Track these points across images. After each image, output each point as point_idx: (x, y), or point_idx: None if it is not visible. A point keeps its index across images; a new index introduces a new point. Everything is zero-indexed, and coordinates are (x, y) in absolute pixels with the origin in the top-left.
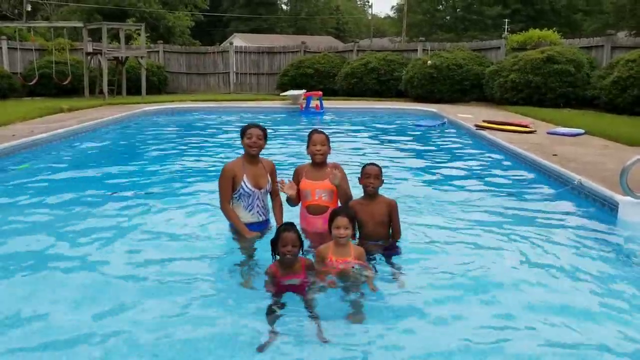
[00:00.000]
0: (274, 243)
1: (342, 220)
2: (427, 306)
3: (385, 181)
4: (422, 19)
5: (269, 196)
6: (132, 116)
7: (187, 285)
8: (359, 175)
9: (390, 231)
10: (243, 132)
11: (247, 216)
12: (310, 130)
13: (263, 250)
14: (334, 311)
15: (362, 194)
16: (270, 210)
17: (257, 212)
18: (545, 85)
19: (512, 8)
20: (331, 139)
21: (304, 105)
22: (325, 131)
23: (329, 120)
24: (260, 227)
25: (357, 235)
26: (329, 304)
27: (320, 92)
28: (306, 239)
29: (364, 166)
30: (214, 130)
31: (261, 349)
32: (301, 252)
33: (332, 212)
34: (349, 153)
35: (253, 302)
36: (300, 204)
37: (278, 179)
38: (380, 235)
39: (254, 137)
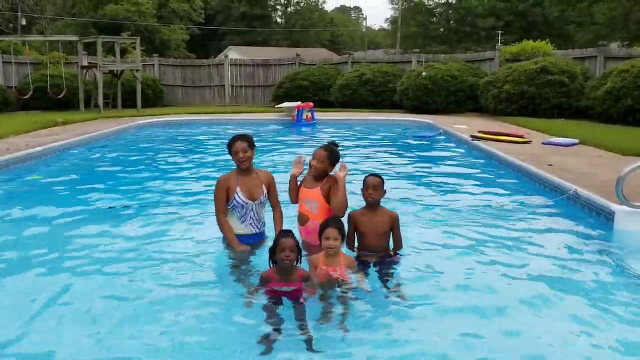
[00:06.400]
0: (272, 250)
1: (331, 232)
2: (424, 317)
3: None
4: (416, 31)
5: (266, 209)
6: (127, 129)
7: (181, 295)
8: (362, 187)
9: (392, 242)
10: (229, 148)
11: (240, 228)
12: (330, 142)
13: (256, 261)
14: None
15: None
16: (266, 224)
17: (251, 224)
18: (539, 96)
19: (505, 20)
20: None
21: (296, 117)
22: (330, 147)
23: (322, 132)
24: (254, 239)
25: (356, 245)
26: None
27: (312, 104)
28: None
29: (366, 177)
30: (210, 143)
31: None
32: (299, 263)
33: (322, 224)
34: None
35: (247, 310)
36: None
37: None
38: (380, 247)
39: (240, 152)
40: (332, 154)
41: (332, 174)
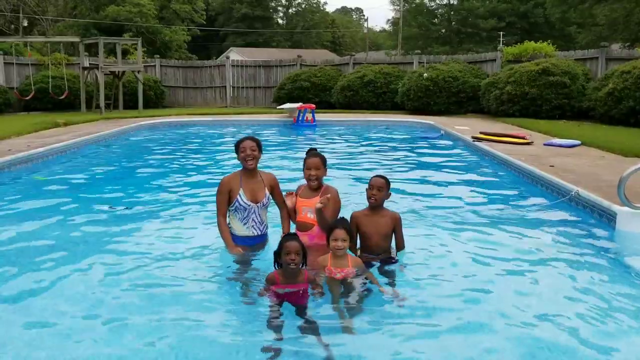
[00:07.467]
0: (277, 253)
1: (340, 233)
2: (426, 318)
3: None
4: (418, 32)
5: (268, 211)
6: (128, 130)
7: (182, 295)
8: (366, 187)
9: (393, 244)
10: (237, 147)
11: (242, 229)
12: (307, 150)
13: (258, 263)
14: (332, 321)
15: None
16: (268, 226)
17: (253, 226)
18: (540, 97)
19: (506, 21)
20: (326, 152)
21: (296, 119)
22: (321, 151)
23: (323, 133)
24: (255, 241)
25: (358, 246)
26: (328, 314)
27: (313, 105)
28: None
29: (371, 177)
30: (211, 144)
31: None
32: (305, 265)
33: (329, 225)
34: (344, 166)
35: (252, 313)
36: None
37: (284, 193)
38: (383, 248)
39: (247, 149)
40: (324, 159)
41: (317, 206)
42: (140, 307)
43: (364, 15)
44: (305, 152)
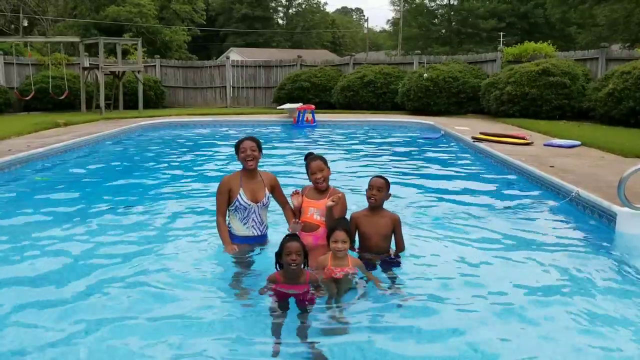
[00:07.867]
0: (278, 254)
1: (340, 235)
2: (427, 317)
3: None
4: (418, 32)
5: (267, 212)
6: (128, 130)
7: (181, 297)
8: (366, 188)
9: (393, 245)
10: (237, 147)
11: (242, 229)
12: (305, 155)
13: (259, 262)
14: (331, 321)
15: (367, 206)
16: (268, 227)
17: (252, 226)
18: (541, 97)
19: (507, 21)
20: (326, 153)
21: (296, 119)
22: (320, 152)
23: (323, 134)
24: (255, 241)
25: (357, 247)
26: (327, 315)
27: (313, 106)
28: None
29: (371, 178)
30: (211, 144)
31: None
32: (306, 266)
33: (330, 226)
34: (344, 166)
35: (251, 312)
36: None
37: (290, 192)
38: (382, 249)
39: (247, 150)
40: (324, 159)
41: (328, 204)
42: (139, 307)
43: (364, 16)
44: (304, 159)
